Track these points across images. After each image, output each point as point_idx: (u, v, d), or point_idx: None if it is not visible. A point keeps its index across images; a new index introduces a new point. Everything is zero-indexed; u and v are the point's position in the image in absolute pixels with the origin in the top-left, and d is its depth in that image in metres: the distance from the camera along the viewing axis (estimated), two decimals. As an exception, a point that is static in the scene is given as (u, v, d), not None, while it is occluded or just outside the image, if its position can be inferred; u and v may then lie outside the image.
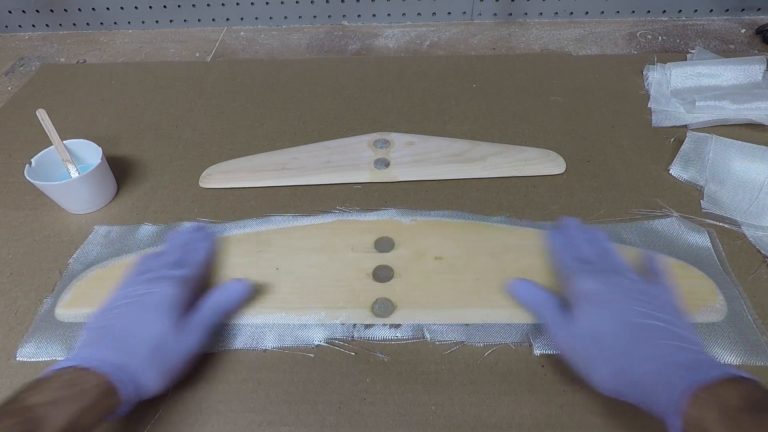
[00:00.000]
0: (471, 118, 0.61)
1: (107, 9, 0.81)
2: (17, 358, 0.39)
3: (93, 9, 0.81)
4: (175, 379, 0.35)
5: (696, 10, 0.78)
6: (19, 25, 0.83)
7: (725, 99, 0.57)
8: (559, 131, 0.58)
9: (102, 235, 0.49)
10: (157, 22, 0.83)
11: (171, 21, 0.83)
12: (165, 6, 0.81)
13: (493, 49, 0.75)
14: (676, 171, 0.52)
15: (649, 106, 0.61)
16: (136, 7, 0.81)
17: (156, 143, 0.60)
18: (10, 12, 0.81)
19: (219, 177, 0.54)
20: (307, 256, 0.45)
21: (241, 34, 0.82)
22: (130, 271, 0.40)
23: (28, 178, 0.48)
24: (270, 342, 0.40)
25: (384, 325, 0.40)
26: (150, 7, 0.81)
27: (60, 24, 0.83)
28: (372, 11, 0.81)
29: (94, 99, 0.67)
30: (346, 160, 0.55)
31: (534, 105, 0.62)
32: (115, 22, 0.83)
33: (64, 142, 0.51)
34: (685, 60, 0.67)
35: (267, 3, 0.81)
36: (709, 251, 0.44)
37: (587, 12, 0.80)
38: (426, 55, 0.75)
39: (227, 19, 0.83)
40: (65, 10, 0.81)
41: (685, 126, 0.57)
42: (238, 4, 0.81)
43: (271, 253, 0.45)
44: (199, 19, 0.82)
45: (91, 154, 0.51)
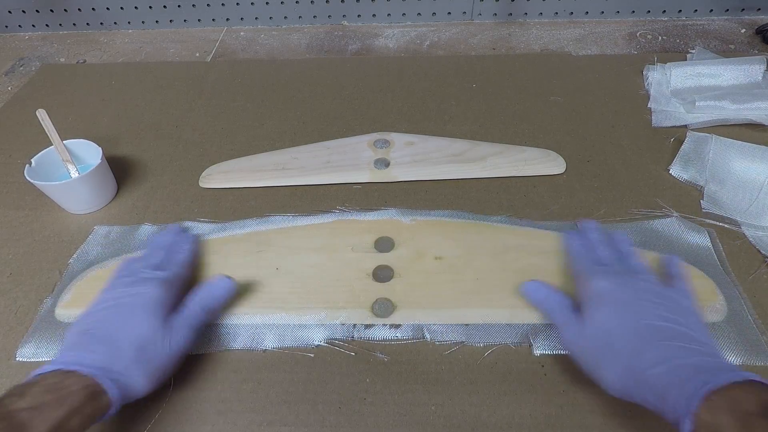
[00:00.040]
0: (471, 118, 0.61)
1: (107, 9, 0.81)
2: (17, 358, 0.39)
3: (93, 9, 0.81)
4: (163, 380, 0.35)
5: (696, 10, 0.78)
6: (19, 25, 0.83)
7: (725, 99, 0.57)
8: (559, 131, 0.58)
9: (102, 235, 0.49)
10: (157, 22, 0.83)
11: (171, 21, 0.83)
12: (165, 6, 0.81)
13: (493, 49, 0.75)
14: (676, 171, 0.52)
15: (649, 106, 0.61)
16: (136, 7, 0.81)
17: (156, 143, 0.60)
18: (10, 12, 0.81)
19: (219, 177, 0.54)
20: (307, 256, 0.45)
21: (241, 34, 0.82)
22: (113, 275, 0.40)
23: (28, 178, 0.48)
24: (270, 342, 0.40)
25: (384, 325, 0.40)
26: (150, 7, 0.81)
27: (60, 24, 0.83)
28: (372, 11, 0.81)
29: (94, 99, 0.67)
30: (346, 160, 0.55)
31: (534, 105, 0.62)
32: (115, 22, 0.83)
33: (64, 142, 0.51)
34: (685, 60, 0.67)
35: (267, 3, 0.81)
36: (709, 251, 0.44)
37: (587, 12, 0.80)
38: (426, 55, 0.75)
39: (227, 19, 0.83)
40: (65, 10, 0.81)
41: (685, 126, 0.57)
42: (238, 4, 0.81)
43: (271, 253, 0.45)
44: (199, 19, 0.82)
45: (91, 154, 0.51)
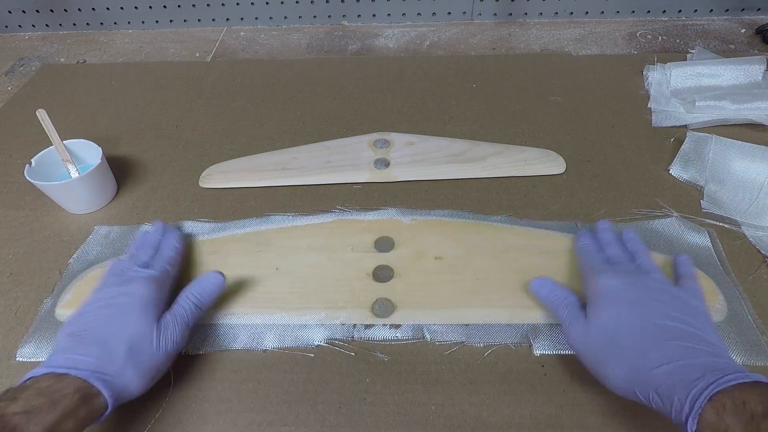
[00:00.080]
0: (471, 118, 0.61)
1: (107, 9, 0.81)
2: (17, 358, 0.39)
3: (93, 9, 0.81)
4: (157, 379, 0.35)
5: (696, 10, 0.78)
6: (19, 25, 0.83)
7: (725, 99, 0.57)
8: (559, 131, 0.58)
9: (102, 235, 0.49)
10: (157, 22, 0.83)
11: (171, 21, 0.83)
12: (165, 6, 0.81)
13: (493, 49, 0.75)
14: (676, 171, 0.52)
15: (649, 106, 0.61)
16: (136, 7, 0.81)
17: (156, 143, 0.60)
18: (10, 12, 0.81)
19: (219, 177, 0.54)
20: (307, 256, 0.45)
21: (241, 34, 0.82)
22: (103, 276, 0.39)
23: (28, 178, 0.48)
24: (270, 342, 0.40)
25: (384, 325, 0.40)
26: (150, 7, 0.81)
27: (60, 24, 0.83)
28: (372, 11, 0.81)
29: (94, 99, 0.67)
30: (346, 160, 0.55)
31: (534, 105, 0.62)
32: (115, 22, 0.83)
33: (64, 142, 0.51)
34: (685, 60, 0.67)
35: (267, 3, 0.81)
36: (709, 251, 0.44)
37: (587, 12, 0.80)
38: (426, 55, 0.75)
39: (227, 19, 0.83)
40: (65, 10, 0.81)
41: (685, 126, 0.57)
42: (238, 4, 0.81)
43: (271, 253, 0.45)
44: (199, 19, 0.82)
45: (91, 154, 0.51)
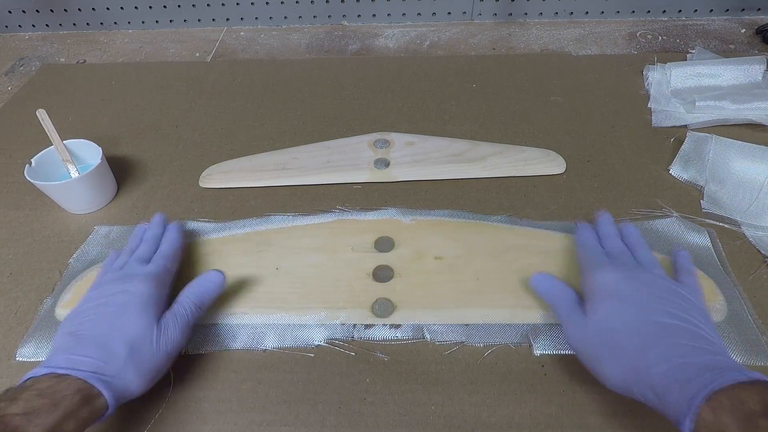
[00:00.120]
0: (471, 118, 0.61)
1: (107, 9, 0.81)
2: (17, 358, 0.39)
3: (93, 9, 0.81)
4: (158, 378, 0.35)
5: (696, 10, 0.78)
6: (19, 25, 0.83)
7: (725, 99, 0.57)
8: (559, 131, 0.58)
9: (102, 235, 0.49)
10: (157, 22, 0.83)
11: (171, 21, 0.83)
12: (165, 6, 0.81)
13: (493, 49, 0.75)
14: (676, 171, 0.52)
15: (649, 106, 0.61)
16: (136, 7, 0.81)
17: (156, 143, 0.60)
18: (10, 12, 0.81)
19: (219, 177, 0.54)
20: (307, 256, 0.45)
21: (241, 34, 0.82)
22: (101, 271, 0.39)
23: (28, 178, 0.48)
24: (270, 342, 0.40)
25: (384, 325, 0.40)
26: (150, 7, 0.81)
27: (60, 24, 0.83)
28: (372, 11, 0.81)
29: (94, 99, 0.67)
30: (346, 160, 0.55)
31: (534, 105, 0.62)
32: (115, 22, 0.83)
33: (64, 142, 0.51)
34: (685, 60, 0.67)
35: (267, 3, 0.81)
36: (709, 251, 0.44)
37: (587, 12, 0.80)
38: (426, 55, 0.75)
39: (227, 19, 0.83)
40: (65, 10, 0.81)
41: (685, 126, 0.57)
42: (238, 4, 0.81)
43: (271, 253, 0.45)
44: (199, 19, 0.82)
45: (91, 154, 0.51)
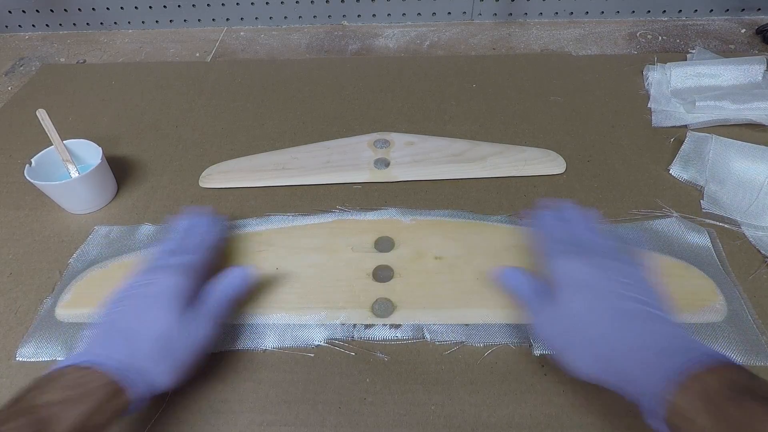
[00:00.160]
0: (471, 118, 0.61)
1: (107, 9, 0.81)
2: (17, 358, 0.39)
3: (93, 9, 0.81)
4: (186, 373, 0.34)
5: (696, 10, 0.78)
6: (19, 25, 0.83)
7: (725, 99, 0.57)
8: (559, 131, 0.58)
9: (102, 235, 0.49)
10: (157, 22, 0.83)
11: (171, 21, 0.83)
12: (165, 6, 0.81)
13: (493, 49, 0.75)
14: (676, 171, 0.52)
15: (649, 106, 0.61)
16: (136, 7, 0.81)
17: (156, 143, 0.60)
18: (10, 12, 0.81)
19: (219, 177, 0.54)
20: (307, 256, 0.45)
21: (241, 34, 0.82)
22: (138, 264, 0.38)
23: (28, 178, 0.48)
24: (270, 342, 0.40)
25: (384, 325, 0.40)
26: (150, 7, 0.81)
27: (60, 24, 0.83)
28: (372, 11, 0.81)
29: (94, 99, 0.67)
30: (346, 160, 0.55)
31: (534, 105, 0.62)
32: (115, 22, 0.83)
33: (64, 142, 0.51)
34: (685, 60, 0.67)
35: (267, 3, 0.81)
36: (709, 251, 0.44)
37: (587, 12, 0.79)
38: (426, 55, 0.75)
39: (227, 19, 0.83)
40: (65, 10, 0.81)
41: (685, 126, 0.57)
42: (238, 4, 0.81)
43: (271, 253, 0.45)
44: (199, 19, 0.82)
45: (91, 154, 0.51)
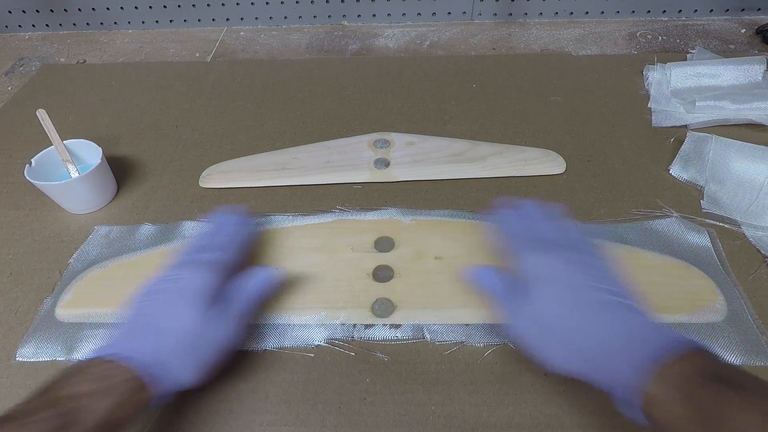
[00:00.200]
0: (471, 118, 0.61)
1: (107, 9, 0.81)
2: (17, 358, 0.39)
3: (93, 9, 0.81)
4: (211, 371, 0.34)
5: (696, 10, 0.78)
6: (19, 25, 0.83)
7: (725, 99, 0.57)
8: (559, 131, 0.58)
9: (102, 235, 0.49)
10: (157, 22, 0.83)
11: (171, 21, 0.83)
12: (165, 6, 0.81)
13: (493, 49, 0.75)
14: (676, 171, 0.52)
15: (649, 106, 0.61)
16: (136, 7, 0.81)
17: (156, 143, 0.60)
18: (10, 12, 0.81)
19: (219, 177, 0.54)
20: (307, 256, 0.45)
21: (241, 34, 0.82)
22: (168, 256, 0.38)
23: (28, 178, 0.48)
24: (270, 342, 0.40)
25: (384, 325, 0.40)
26: (150, 7, 0.81)
27: (60, 24, 0.83)
28: (372, 11, 0.81)
29: (94, 99, 0.67)
30: (346, 160, 0.55)
31: (534, 105, 0.62)
32: (115, 22, 0.83)
33: (64, 142, 0.51)
34: (685, 60, 0.67)
35: (267, 3, 0.81)
36: (709, 251, 0.44)
37: (587, 12, 0.79)
38: (426, 55, 0.75)
39: (227, 19, 0.83)
40: (65, 10, 0.81)
41: (685, 126, 0.57)
42: (238, 4, 0.81)
43: (271, 253, 0.45)
44: (199, 19, 0.82)
45: (91, 154, 0.51)
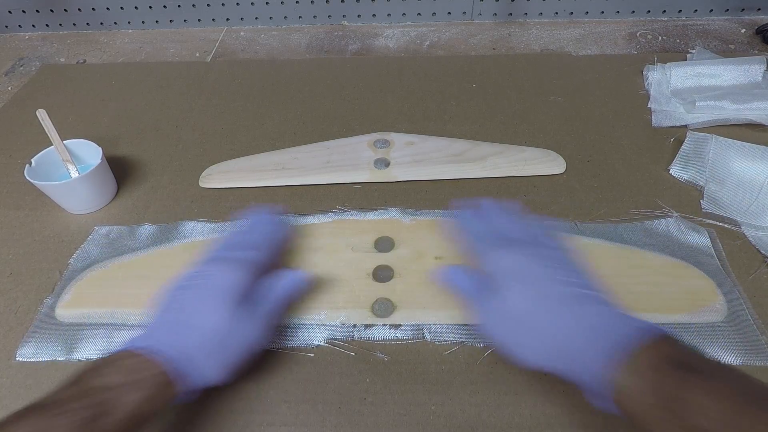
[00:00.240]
0: (471, 118, 0.61)
1: (107, 9, 0.81)
2: (17, 358, 0.39)
3: (93, 9, 0.81)
4: (237, 370, 0.34)
5: (696, 10, 0.78)
6: (19, 25, 0.83)
7: (725, 99, 0.57)
8: (559, 131, 0.58)
9: (102, 235, 0.49)
10: (157, 22, 0.83)
11: (171, 21, 0.83)
12: (165, 6, 0.81)
13: (493, 49, 0.75)
14: (676, 171, 0.52)
15: (649, 106, 0.61)
16: (136, 7, 0.81)
17: (156, 143, 0.60)
18: (10, 12, 0.81)
19: (219, 177, 0.54)
20: (307, 256, 0.45)
21: (241, 34, 0.82)
22: (201, 250, 0.38)
23: (28, 178, 0.48)
24: (270, 342, 0.40)
25: (384, 325, 0.40)
26: (150, 7, 0.81)
27: (60, 24, 0.83)
28: (372, 11, 0.81)
29: (94, 99, 0.67)
30: (346, 160, 0.55)
31: (534, 105, 0.62)
32: (115, 22, 0.83)
33: (64, 142, 0.51)
34: (685, 60, 0.67)
35: (267, 3, 0.81)
36: (709, 251, 0.44)
37: (587, 12, 0.80)
38: (426, 55, 0.75)
39: (227, 19, 0.83)
40: (65, 10, 0.81)
41: (685, 126, 0.57)
42: (238, 4, 0.81)
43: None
44: (199, 19, 0.82)
45: (91, 154, 0.51)
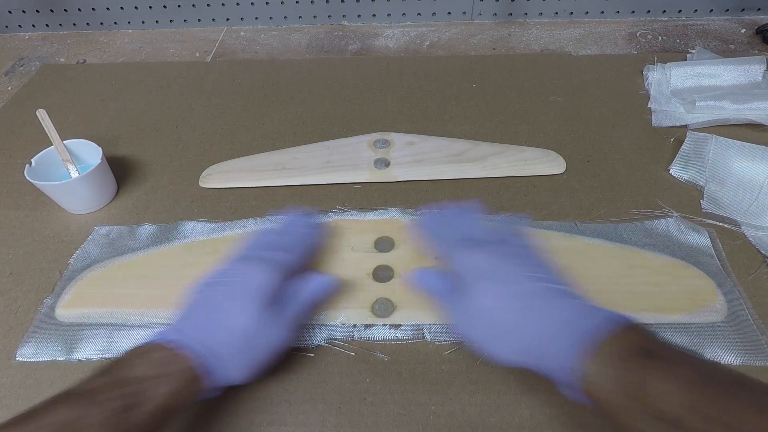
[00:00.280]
0: (471, 118, 0.61)
1: (107, 9, 0.81)
2: (17, 358, 0.39)
3: (93, 9, 0.81)
4: (261, 370, 0.34)
5: (696, 10, 0.78)
6: (19, 25, 0.83)
7: (725, 99, 0.57)
8: (559, 131, 0.58)
9: (102, 235, 0.49)
10: (157, 22, 0.83)
11: (171, 21, 0.83)
12: (165, 6, 0.81)
13: (493, 49, 0.75)
14: (676, 171, 0.52)
15: (649, 106, 0.61)
16: (136, 7, 0.81)
17: (156, 143, 0.60)
18: (10, 12, 0.81)
19: (219, 177, 0.54)
20: (307, 256, 0.45)
21: (241, 34, 0.82)
22: (235, 248, 0.38)
23: (28, 178, 0.48)
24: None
25: (384, 325, 0.40)
26: (150, 7, 0.81)
27: (60, 24, 0.83)
28: (372, 11, 0.81)
29: (94, 99, 0.67)
30: (346, 160, 0.55)
31: (534, 105, 0.62)
32: (115, 22, 0.83)
33: (64, 142, 0.51)
34: (685, 60, 0.67)
35: (267, 3, 0.81)
36: (709, 251, 0.44)
37: (587, 12, 0.80)
38: (426, 55, 0.75)
39: (227, 19, 0.83)
40: (65, 10, 0.81)
41: (685, 126, 0.57)
42: (238, 4, 0.81)
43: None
44: (199, 19, 0.82)
45: (91, 154, 0.51)
